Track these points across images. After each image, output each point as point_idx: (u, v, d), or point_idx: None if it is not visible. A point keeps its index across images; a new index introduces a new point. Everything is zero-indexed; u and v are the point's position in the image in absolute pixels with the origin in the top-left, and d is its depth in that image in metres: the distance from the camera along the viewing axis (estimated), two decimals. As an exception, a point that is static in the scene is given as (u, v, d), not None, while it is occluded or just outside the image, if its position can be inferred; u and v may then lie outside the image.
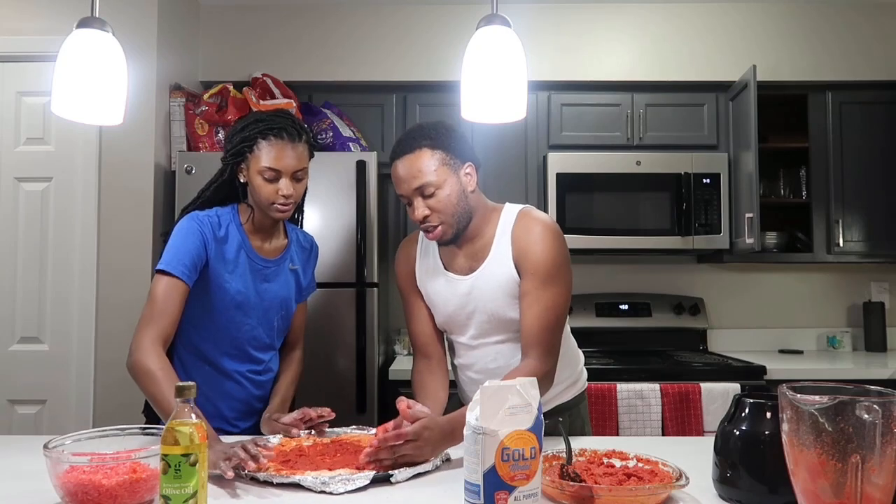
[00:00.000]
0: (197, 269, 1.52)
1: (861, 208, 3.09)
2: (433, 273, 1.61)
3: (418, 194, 1.48)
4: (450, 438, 1.31)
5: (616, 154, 3.06)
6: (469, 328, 1.59)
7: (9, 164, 2.67)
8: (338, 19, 3.20)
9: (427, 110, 3.12)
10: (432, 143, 1.48)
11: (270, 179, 1.54)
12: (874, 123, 3.11)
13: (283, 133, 1.54)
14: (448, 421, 1.32)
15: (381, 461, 1.23)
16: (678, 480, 1.08)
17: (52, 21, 2.64)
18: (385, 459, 1.23)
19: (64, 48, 1.33)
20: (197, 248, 1.52)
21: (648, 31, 3.20)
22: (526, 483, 0.97)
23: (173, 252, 1.51)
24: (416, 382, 1.62)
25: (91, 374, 2.60)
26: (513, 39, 1.30)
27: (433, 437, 1.27)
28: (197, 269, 1.52)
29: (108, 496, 1.03)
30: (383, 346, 2.87)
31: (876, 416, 0.80)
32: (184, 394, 0.96)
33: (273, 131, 1.54)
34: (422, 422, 1.27)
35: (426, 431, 1.26)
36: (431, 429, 1.27)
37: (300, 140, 1.57)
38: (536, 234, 1.49)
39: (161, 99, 2.76)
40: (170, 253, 1.51)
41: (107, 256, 2.64)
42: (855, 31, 3.19)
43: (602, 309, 3.29)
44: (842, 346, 3.32)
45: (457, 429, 1.30)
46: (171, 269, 1.49)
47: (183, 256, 1.50)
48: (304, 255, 1.76)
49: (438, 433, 1.28)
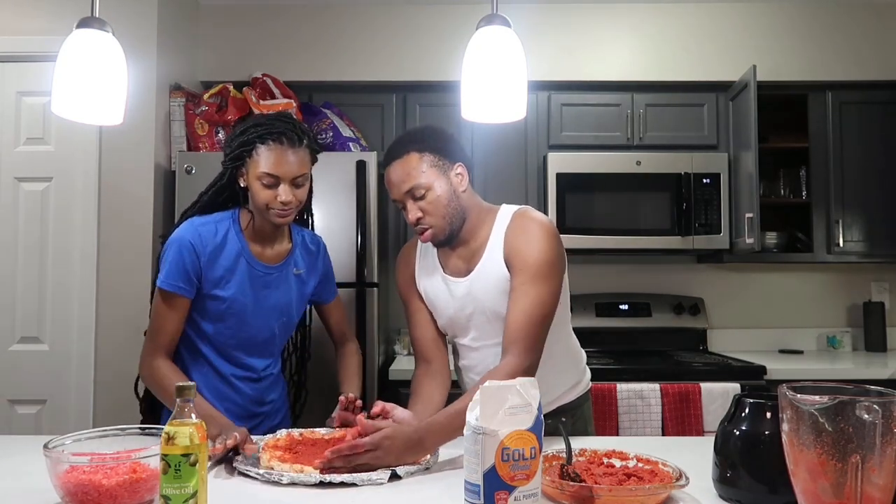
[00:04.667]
0: (192, 280, 1.55)
1: (861, 208, 3.09)
2: (432, 276, 1.62)
3: (409, 197, 1.50)
4: (416, 448, 1.29)
5: (616, 154, 3.06)
6: (470, 330, 1.59)
7: (9, 164, 2.67)
8: (338, 19, 3.20)
9: (427, 110, 3.12)
10: (420, 147, 1.50)
11: (269, 185, 1.52)
12: (874, 123, 3.11)
13: (283, 138, 1.52)
14: (416, 430, 1.31)
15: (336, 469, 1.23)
16: (678, 480, 1.08)
17: (52, 21, 2.64)
18: (340, 467, 1.23)
19: (64, 48, 1.33)
20: (190, 261, 1.54)
21: (648, 31, 3.21)
22: (526, 483, 0.97)
23: (167, 268, 1.54)
24: (413, 386, 1.62)
25: (91, 374, 2.60)
26: (513, 39, 1.30)
27: (395, 447, 1.26)
28: (192, 280, 1.55)
29: (108, 496, 1.03)
30: (383, 346, 2.87)
31: (876, 416, 0.80)
32: (184, 394, 0.96)
33: (272, 136, 1.52)
34: (383, 432, 1.27)
35: (386, 441, 1.26)
36: (393, 438, 1.27)
37: (301, 145, 1.55)
38: (529, 232, 1.49)
39: (161, 99, 2.76)
40: (164, 270, 1.55)
41: (107, 256, 2.64)
42: (855, 31, 3.19)
43: (602, 309, 3.29)
44: (842, 346, 3.32)
45: (425, 438, 1.31)
46: (165, 286, 1.53)
47: (176, 271, 1.53)
48: (310, 258, 1.74)
49: (401, 443, 1.27)
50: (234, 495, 1.15)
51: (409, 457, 1.28)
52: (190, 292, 1.55)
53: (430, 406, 1.52)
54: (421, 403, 1.53)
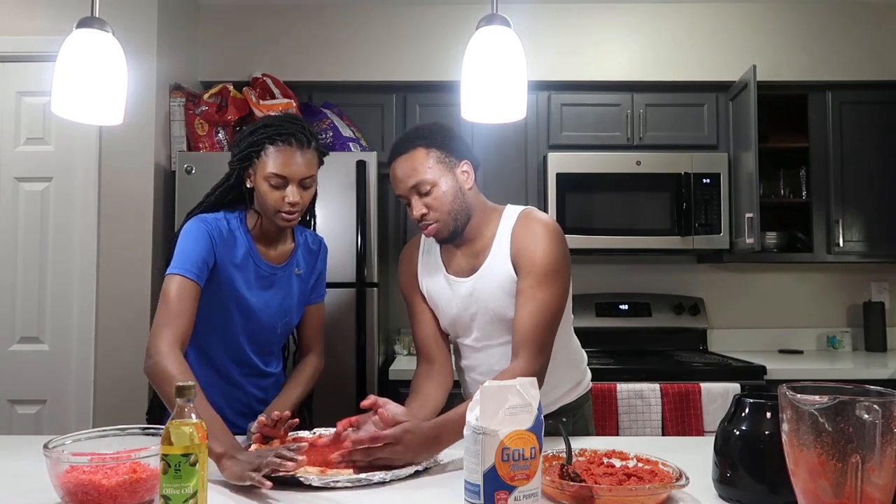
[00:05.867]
0: (207, 268, 1.52)
1: (861, 208, 3.09)
2: (435, 276, 1.61)
3: (415, 193, 1.49)
4: (434, 444, 1.28)
5: (616, 154, 3.06)
6: (473, 330, 1.58)
7: (9, 164, 2.67)
8: (338, 19, 3.20)
9: (427, 110, 3.12)
10: (427, 143, 1.50)
11: (277, 186, 1.51)
12: (874, 123, 3.11)
13: (292, 139, 1.52)
14: (433, 426, 1.30)
15: (354, 462, 1.21)
16: (678, 480, 1.08)
17: (52, 21, 2.64)
18: (359, 461, 1.21)
19: (64, 48, 1.33)
20: (206, 248, 1.51)
21: (648, 31, 3.21)
22: (526, 483, 0.97)
23: (183, 254, 1.50)
24: (412, 385, 1.61)
25: (91, 374, 2.60)
26: (513, 39, 1.30)
27: (414, 442, 1.24)
28: (207, 268, 1.52)
29: (108, 496, 1.03)
30: (383, 345, 2.87)
31: (876, 416, 0.80)
32: (184, 394, 0.96)
33: (282, 137, 1.52)
34: (404, 425, 1.24)
35: (408, 435, 1.24)
36: (414, 433, 1.25)
37: (309, 147, 1.54)
38: (536, 234, 1.48)
39: (161, 99, 2.76)
40: (180, 255, 1.50)
41: (107, 256, 2.64)
42: (855, 31, 3.19)
43: (602, 309, 3.29)
44: (842, 346, 3.32)
45: (442, 434, 1.29)
46: (182, 271, 1.47)
47: (193, 257, 1.49)
48: (311, 258, 1.74)
49: (422, 438, 1.26)
50: (235, 495, 1.14)
51: (424, 453, 1.27)
52: (201, 279, 1.49)
53: (427, 405, 1.51)
54: (418, 402, 1.52)
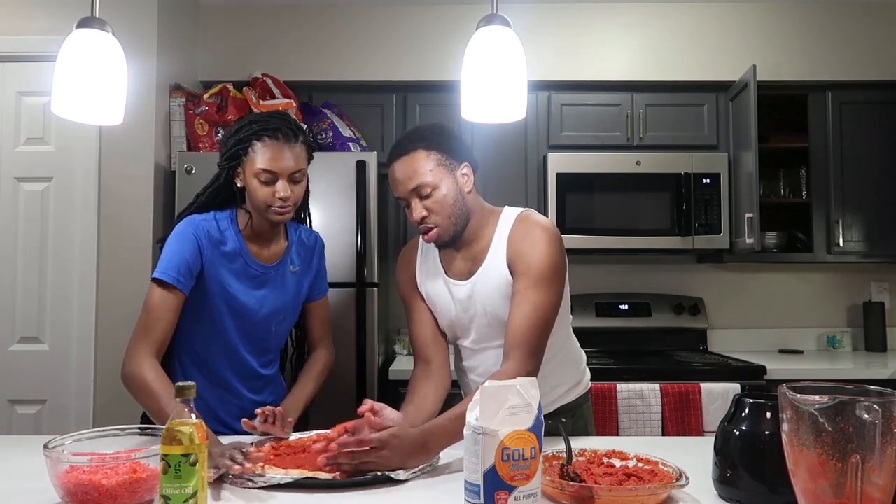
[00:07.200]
0: (192, 274, 1.52)
1: (861, 208, 3.09)
2: (434, 278, 1.61)
3: (415, 195, 1.49)
4: (421, 451, 1.25)
5: (616, 154, 3.06)
6: (471, 332, 1.58)
7: (9, 164, 2.67)
8: (338, 19, 3.20)
9: (427, 110, 3.12)
10: (427, 145, 1.49)
11: (267, 182, 1.51)
12: (874, 123, 3.11)
13: (279, 134, 1.52)
14: (420, 432, 1.27)
15: (339, 466, 1.19)
16: (678, 480, 1.08)
17: (52, 21, 2.64)
18: (344, 465, 1.19)
19: (64, 48, 1.33)
20: (192, 253, 1.51)
21: (648, 31, 3.21)
22: (526, 483, 0.97)
23: (167, 259, 1.50)
24: (409, 386, 1.60)
25: (91, 374, 2.60)
26: (513, 39, 1.30)
27: (401, 447, 1.22)
28: (192, 274, 1.52)
29: (108, 496, 1.03)
30: (383, 346, 2.87)
31: (876, 416, 0.80)
32: (184, 394, 0.96)
33: (268, 132, 1.52)
34: (391, 430, 1.22)
35: (394, 440, 1.21)
36: (401, 438, 1.22)
37: (296, 141, 1.54)
38: (533, 236, 1.48)
39: (161, 99, 2.76)
40: (164, 259, 1.51)
41: (107, 256, 2.64)
42: (854, 31, 3.19)
43: (602, 309, 3.29)
44: (842, 346, 3.32)
45: (430, 441, 1.26)
46: (164, 277, 1.48)
47: (177, 263, 1.49)
48: (306, 253, 1.73)
49: (408, 444, 1.23)
50: (235, 496, 1.14)
51: (412, 459, 1.24)
52: (187, 287, 1.50)
53: (423, 408, 1.50)
54: (414, 405, 1.51)
